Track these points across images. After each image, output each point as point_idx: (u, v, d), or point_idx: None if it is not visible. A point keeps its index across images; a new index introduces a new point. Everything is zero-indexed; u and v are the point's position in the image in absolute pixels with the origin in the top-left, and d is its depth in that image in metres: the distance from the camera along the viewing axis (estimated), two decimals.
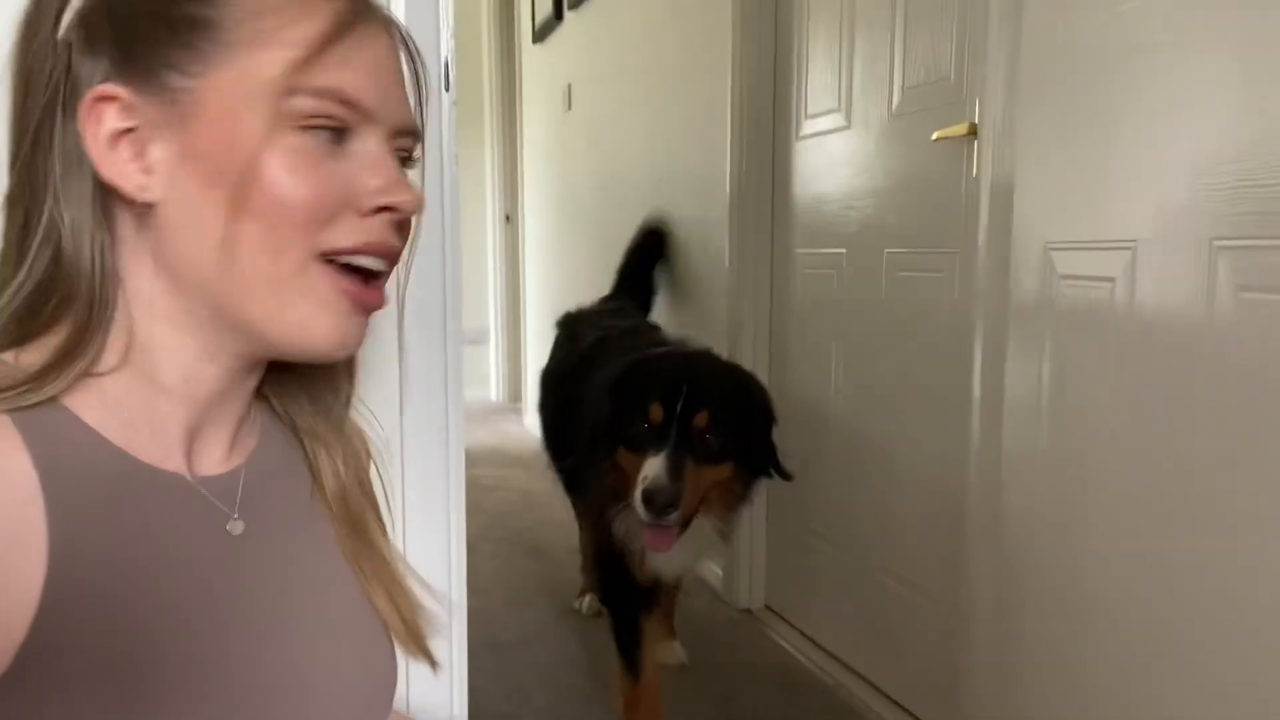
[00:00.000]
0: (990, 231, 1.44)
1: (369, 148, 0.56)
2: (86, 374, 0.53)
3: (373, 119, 0.56)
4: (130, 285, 0.55)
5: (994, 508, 1.42)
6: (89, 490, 0.51)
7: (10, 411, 0.49)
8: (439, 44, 1.02)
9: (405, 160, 0.60)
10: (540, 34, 3.95)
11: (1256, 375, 0.95)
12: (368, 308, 0.58)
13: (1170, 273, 1.04)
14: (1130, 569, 1.13)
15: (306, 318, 0.55)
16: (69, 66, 0.54)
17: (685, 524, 1.47)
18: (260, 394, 0.65)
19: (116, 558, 0.51)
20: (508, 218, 4.94)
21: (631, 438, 1.49)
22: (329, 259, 0.55)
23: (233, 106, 0.53)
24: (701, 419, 1.45)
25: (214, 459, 0.60)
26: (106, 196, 0.54)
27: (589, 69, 3.42)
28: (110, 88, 0.53)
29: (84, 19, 0.54)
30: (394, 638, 0.67)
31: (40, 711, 0.48)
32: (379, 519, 0.71)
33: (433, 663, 0.70)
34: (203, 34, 0.54)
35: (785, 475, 1.57)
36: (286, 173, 0.53)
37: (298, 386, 0.67)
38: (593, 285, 3.49)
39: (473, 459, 3.88)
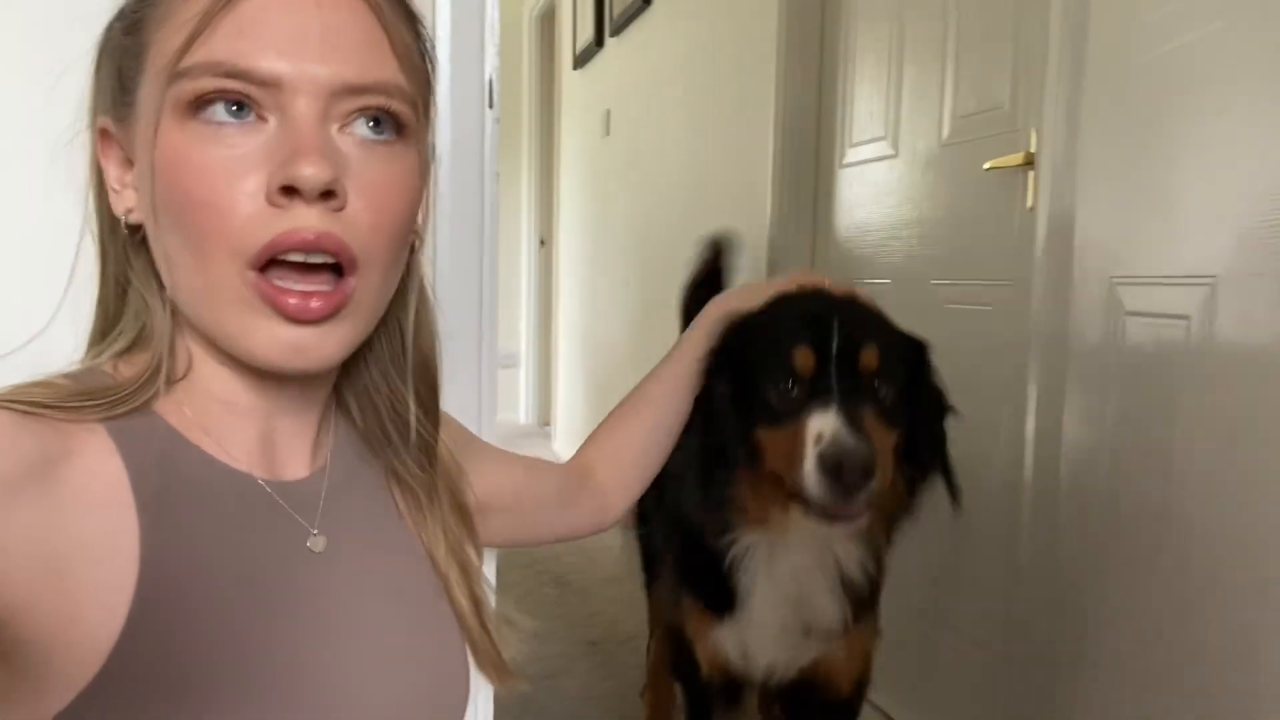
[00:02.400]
0: (1047, 264, 1.38)
1: (281, 120, 0.50)
2: (168, 380, 0.54)
3: (281, 86, 0.49)
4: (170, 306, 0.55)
5: (1049, 553, 1.35)
6: (177, 493, 0.51)
7: (105, 420, 0.50)
8: (483, 61, 1.00)
9: (378, 124, 0.52)
10: (580, 60, 3.96)
11: None
12: (297, 317, 0.50)
13: (1254, 311, 0.98)
14: (1205, 626, 1.06)
15: (244, 328, 0.51)
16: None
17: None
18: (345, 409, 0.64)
19: (203, 562, 0.51)
20: (542, 241, 4.94)
21: (771, 407, 0.96)
22: (262, 265, 0.50)
23: (147, 106, 0.51)
24: (870, 357, 0.95)
25: (295, 465, 0.59)
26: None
27: (628, 95, 3.42)
28: (101, 120, 0.54)
29: (96, 57, 0.55)
30: (478, 661, 0.65)
31: (123, 717, 0.47)
32: (472, 531, 0.69)
33: (515, 679, 0.68)
34: (136, 36, 0.52)
35: (952, 484, 1.03)
36: (178, 167, 0.49)
37: (374, 417, 0.63)
38: (625, 311, 3.46)
39: None
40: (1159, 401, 1.13)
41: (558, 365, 4.49)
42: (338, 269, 0.52)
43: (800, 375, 0.95)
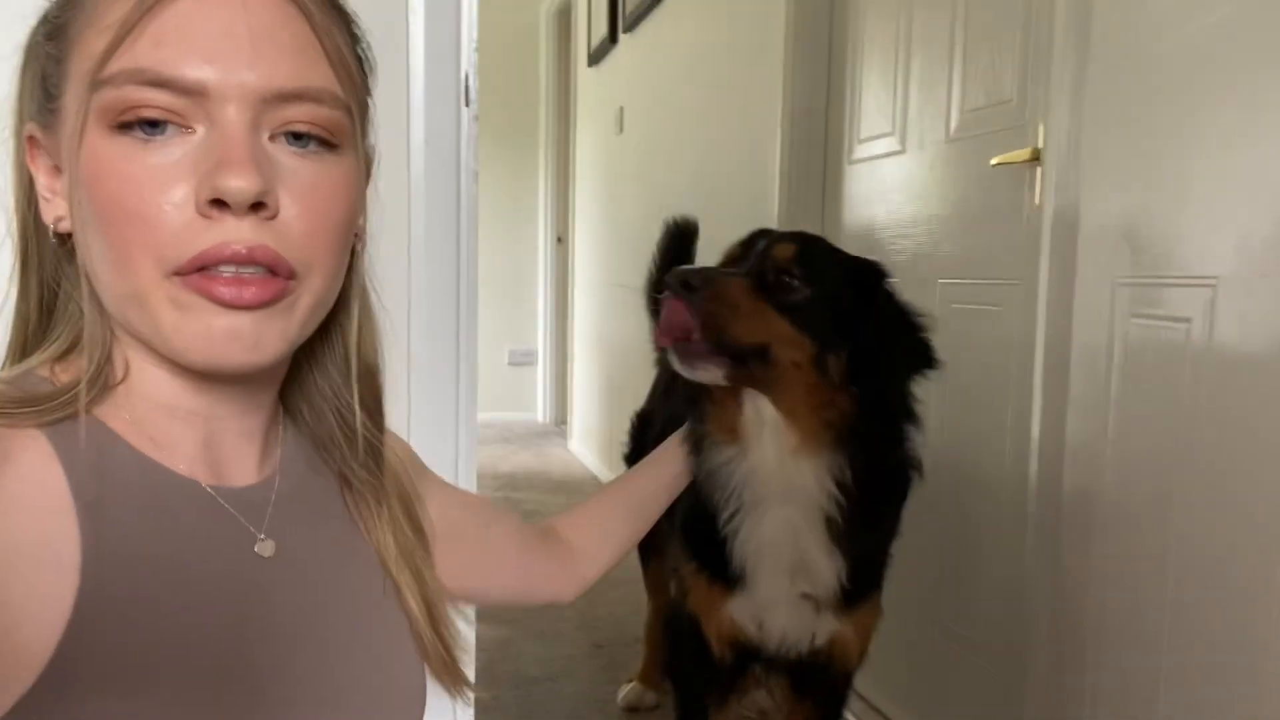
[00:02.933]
0: (1052, 263, 1.34)
1: (210, 129, 0.49)
2: (103, 388, 0.53)
3: (208, 94, 0.48)
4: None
5: (1054, 556, 1.31)
6: (120, 498, 0.50)
7: (42, 426, 0.49)
8: (459, 58, 0.97)
9: (301, 136, 0.51)
10: (595, 57, 3.94)
11: None
12: (233, 303, 0.49)
13: (1256, 314, 0.93)
14: (1209, 627, 1.02)
15: (176, 324, 0.50)
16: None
17: (730, 361, 1.01)
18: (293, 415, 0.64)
19: (146, 567, 0.50)
20: (559, 239, 4.93)
21: None
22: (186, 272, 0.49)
23: (71, 112, 0.50)
24: (784, 250, 1.05)
25: (242, 471, 0.58)
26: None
27: (641, 91, 3.39)
28: (29, 127, 0.53)
29: (21, 61, 0.54)
30: (430, 667, 0.65)
31: None
32: (426, 545, 0.69)
33: (470, 688, 0.69)
34: (58, 42, 0.51)
35: (908, 414, 1.05)
36: (102, 177, 0.48)
37: (320, 423, 0.63)
38: (636, 309, 3.44)
39: (515, 483, 3.84)
40: (1161, 405, 1.09)
41: (574, 363, 4.47)
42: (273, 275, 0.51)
43: (726, 262, 1.09)
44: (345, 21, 0.55)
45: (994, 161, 1.50)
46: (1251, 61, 0.95)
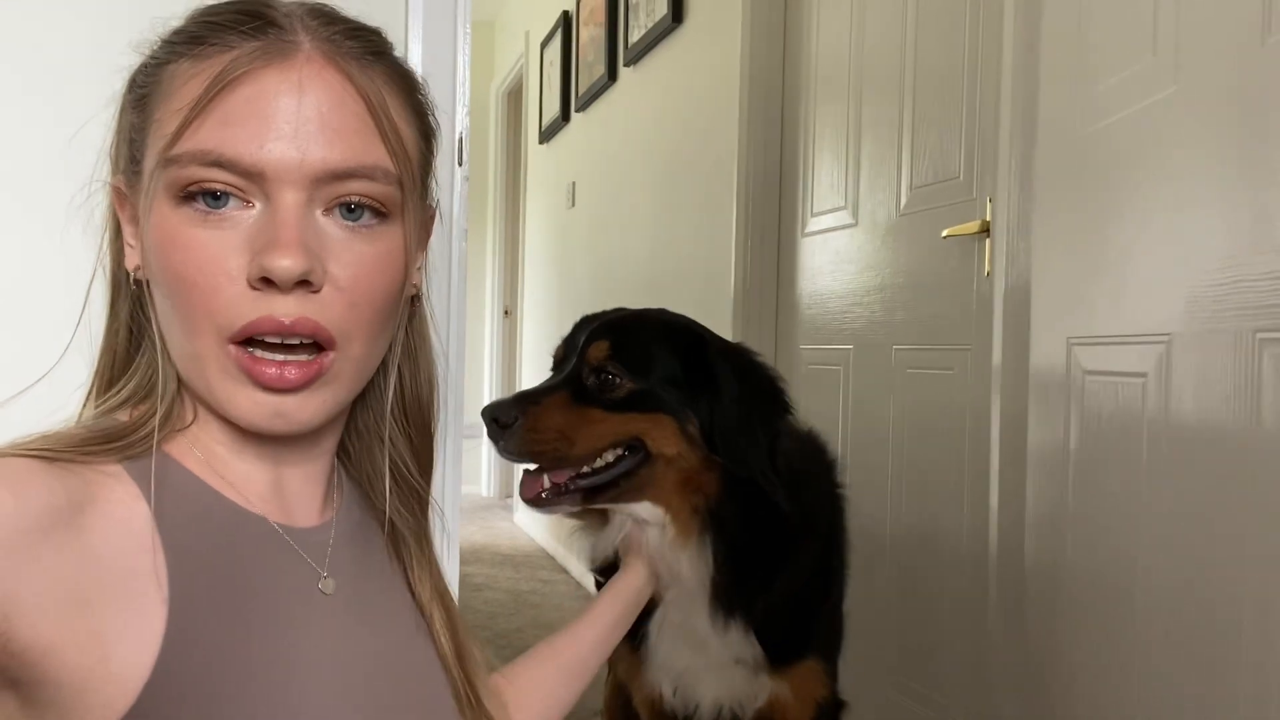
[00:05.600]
0: (1006, 327, 1.41)
1: (266, 206, 0.52)
2: (175, 429, 0.56)
3: (265, 176, 0.51)
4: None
5: (1017, 622, 1.34)
6: (199, 534, 0.53)
7: (123, 461, 0.52)
8: (454, 119, 1.01)
9: (357, 210, 0.54)
10: (546, 135, 4.04)
11: None
12: (274, 386, 0.52)
13: (1209, 367, 1.00)
14: (1179, 694, 1.05)
15: (229, 394, 0.54)
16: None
17: (576, 477, 1.03)
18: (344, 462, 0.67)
19: (226, 600, 0.53)
20: (506, 312, 4.95)
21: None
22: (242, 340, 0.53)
23: (148, 180, 0.54)
24: (598, 350, 1.06)
25: (306, 513, 0.61)
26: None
27: (593, 166, 3.48)
28: (116, 179, 0.57)
29: (118, 112, 0.58)
30: (458, 705, 0.67)
31: None
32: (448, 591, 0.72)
33: None
34: (140, 112, 0.55)
35: (772, 485, 1.02)
36: (166, 246, 0.52)
37: (370, 462, 0.66)
38: None
39: (463, 556, 3.75)
40: (1119, 460, 1.14)
41: None
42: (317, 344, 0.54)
43: (555, 364, 1.12)
44: (407, 91, 0.58)
45: (945, 233, 1.58)
46: (1195, 134, 1.04)
